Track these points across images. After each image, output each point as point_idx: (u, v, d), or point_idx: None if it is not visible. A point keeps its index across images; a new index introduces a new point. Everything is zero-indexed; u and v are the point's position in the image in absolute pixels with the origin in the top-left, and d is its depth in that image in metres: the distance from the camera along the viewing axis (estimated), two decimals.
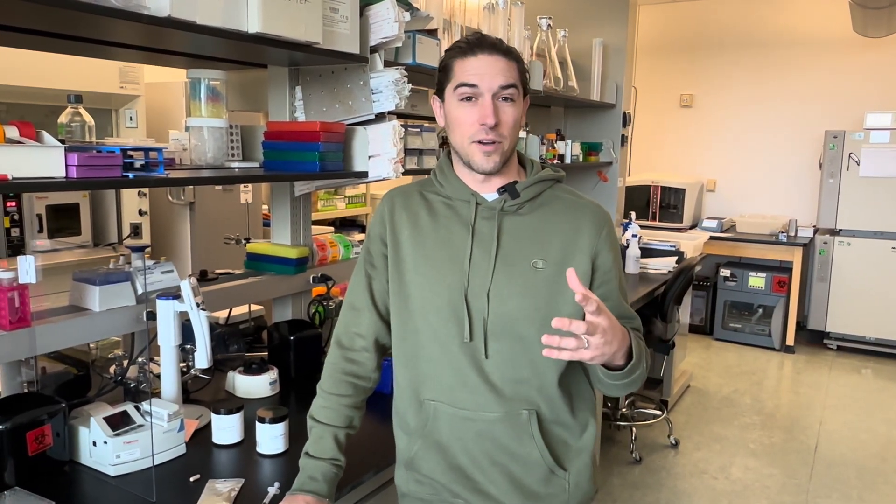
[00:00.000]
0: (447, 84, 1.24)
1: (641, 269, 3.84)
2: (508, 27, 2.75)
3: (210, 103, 1.75)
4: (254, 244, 2.14)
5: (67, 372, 1.70)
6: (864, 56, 5.45)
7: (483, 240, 1.24)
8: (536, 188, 1.27)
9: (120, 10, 1.20)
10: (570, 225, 1.26)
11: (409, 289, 1.27)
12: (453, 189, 1.28)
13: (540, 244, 1.24)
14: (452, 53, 1.24)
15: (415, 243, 1.27)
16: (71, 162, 1.26)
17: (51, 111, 2.99)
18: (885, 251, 5.04)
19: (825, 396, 4.40)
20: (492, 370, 1.23)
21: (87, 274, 1.61)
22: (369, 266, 1.33)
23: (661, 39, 6.14)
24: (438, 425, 1.26)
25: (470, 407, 1.23)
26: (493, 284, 1.22)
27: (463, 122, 1.21)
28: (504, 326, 1.22)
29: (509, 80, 1.20)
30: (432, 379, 1.26)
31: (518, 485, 1.25)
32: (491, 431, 1.23)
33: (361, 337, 1.33)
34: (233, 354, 2.11)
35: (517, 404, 1.23)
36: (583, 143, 3.73)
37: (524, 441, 1.24)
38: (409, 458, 1.30)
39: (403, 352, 1.30)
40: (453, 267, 1.24)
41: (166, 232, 3.47)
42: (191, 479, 1.37)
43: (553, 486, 1.26)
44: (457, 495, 1.28)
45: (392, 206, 1.32)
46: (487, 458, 1.25)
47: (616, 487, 3.20)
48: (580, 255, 1.24)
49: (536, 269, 1.22)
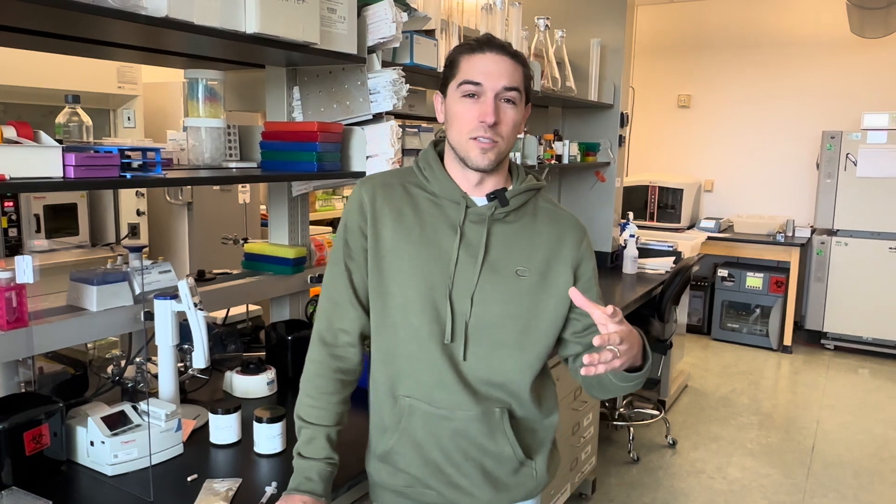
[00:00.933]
0: (451, 79, 1.24)
1: (639, 269, 3.84)
2: (506, 27, 2.75)
3: (208, 103, 1.75)
4: (251, 244, 2.14)
5: (65, 372, 1.71)
6: (861, 57, 5.46)
7: (470, 244, 1.25)
8: (523, 197, 1.30)
9: (117, 10, 1.21)
10: (553, 236, 1.29)
11: (389, 285, 1.26)
12: (442, 187, 1.28)
13: (524, 253, 1.27)
14: (460, 50, 1.25)
15: (397, 239, 1.26)
16: (69, 162, 1.26)
17: (48, 111, 2.99)
18: (882, 251, 5.05)
19: (822, 396, 4.41)
20: (468, 371, 1.25)
21: (85, 274, 1.61)
22: (348, 259, 1.30)
23: (659, 40, 6.15)
24: (413, 422, 1.28)
25: (446, 406, 1.25)
26: (478, 289, 1.24)
27: (463, 118, 1.22)
28: (484, 331, 1.24)
29: (513, 82, 1.21)
30: (409, 377, 1.27)
31: (489, 477, 1.30)
32: (466, 429, 1.26)
33: (346, 332, 1.31)
34: (230, 354, 2.12)
35: (491, 403, 1.27)
36: (581, 144, 3.73)
37: (497, 437, 1.28)
38: (384, 451, 1.32)
39: (380, 347, 1.30)
40: (438, 267, 1.24)
41: (164, 232, 3.47)
42: (188, 479, 1.37)
43: (522, 475, 1.32)
44: (430, 487, 1.30)
45: (373, 197, 1.28)
46: (461, 454, 1.28)
47: (613, 487, 3.20)
48: (563, 265, 1.28)
49: (520, 277, 1.25)
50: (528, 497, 1.35)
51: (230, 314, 2.21)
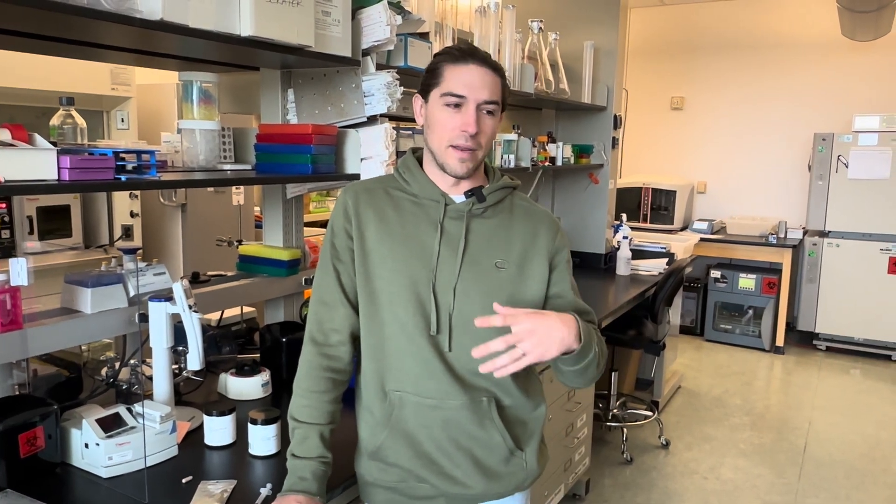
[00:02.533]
0: (434, 87, 1.28)
1: (632, 270, 3.86)
2: (500, 30, 2.76)
3: (202, 106, 1.75)
4: (246, 246, 2.14)
5: (59, 374, 1.70)
6: (852, 59, 5.50)
7: (451, 239, 1.30)
8: (499, 194, 1.36)
9: (112, 13, 1.21)
10: (529, 229, 1.36)
11: (375, 283, 1.30)
12: (422, 188, 1.33)
13: (502, 246, 1.32)
14: (444, 58, 1.28)
15: (381, 238, 1.31)
16: (63, 164, 1.26)
17: (42, 113, 2.98)
18: (873, 252, 5.09)
19: (814, 397, 4.43)
20: (454, 361, 1.30)
21: (79, 276, 1.61)
22: (336, 260, 1.34)
23: (652, 42, 6.17)
24: (404, 415, 1.30)
25: (435, 396, 1.29)
26: (460, 281, 1.29)
27: (445, 126, 1.27)
28: (467, 321, 1.28)
29: (493, 95, 1.27)
30: (398, 370, 1.30)
31: (481, 467, 1.33)
32: (456, 418, 1.30)
33: (337, 331, 1.34)
34: (225, 356, 2.12)
35: (478, 392, 1.31)
36: (574, 146, 3.75)
37: (486, 426, 1.32)
38: (375, 448, 1.34)
39: (370, 344, 1.33)
40: (420, 262, 1.29)
41: (158, 234, 3.46)
42: (183, 481, 1.37)
43: (512, 465, 1.36)
44: (423, 480, 1.32)
45: (356, 201, 1.34)
46: (453, 444, 1.31)
47: (607, 488, 3.22)
48: (539, 256, 1.35)
49: (499, 269, 1.31)
50: (519, 489, 1.38)
51: (225, 316, 2.20)
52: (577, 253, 3.97)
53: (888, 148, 4.98)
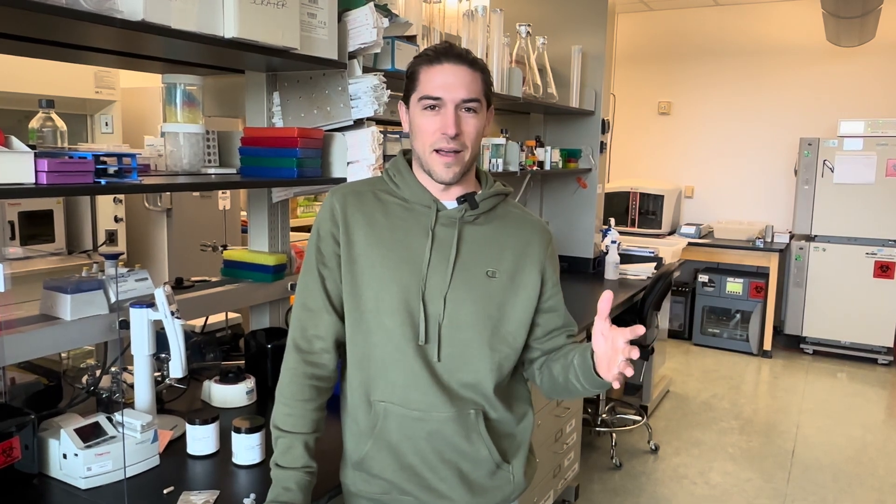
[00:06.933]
0: (413, 92, 1.26)
1: (621, 275, 3.86)
2: (488, 34, 2.76)
3: (186, 109, 1.73)
4: (231, 251, 2.11)
5: (38, 382, 1.67)
6: (837, 65, 5.55)
7: (442, 246, 1.27)
8: (492, 201, 1.33)
9: (91, 13, 1.19)
10: (521, 238, 1.33)
11: (362, 289, 1.27)
12: (412, 192, 1.30)
13: (494, 254, 1.29)
14: (419, 61, 1.26)
15: (369, 243, 1.27)
16: (41, 168, 1.23)
17: (24, 116, 2.93)
18: (858, 256, 5.12)
19: (801, 401, 4.45)
20: (442, 372, 1.26)
21: (59, 282, 1.58)
22: (321, 266, 1.30)
23: (639, 47, 6.20)
24: (388, 426, 1.27)
25: (422, 408, 1.25)
26: (451, 289, 1.25)
27: (425, 131, 1.24)
28: (457, 331, 1.25)
29: (472, 93, 1.23)
30: (384, 380, 1.27)
31: (466, 480, 1.30)
32: (442, 431, 1.26)
33: (321, 339, 1.30)
34: (209, 363, 2.09)
35: (465, 405, 1.27)
36: (562, 150, 3.74)
37: (473, 439, 1.28)
38: (359, 458, 1.31)
39: (355, 352, 1.30)
40: (410, 269, 1.25)
41: (143, 239, 3.42)
42: (164, 492, 1.34)
43: (498, 478, 1.32)
44: (406, 493, 1.30)
45: (344, 204, 1.29)
46: (438, 457, 1.28)
47: (596, 493, 3.20)
48: (531, 267, 1.32)
49: (490, 278, 1.28)
50: (505, 502, 1.35)
51: (209, 322, 2.17)
52: (565, 257, 3.96)
53: (873, 152, 5.02)
